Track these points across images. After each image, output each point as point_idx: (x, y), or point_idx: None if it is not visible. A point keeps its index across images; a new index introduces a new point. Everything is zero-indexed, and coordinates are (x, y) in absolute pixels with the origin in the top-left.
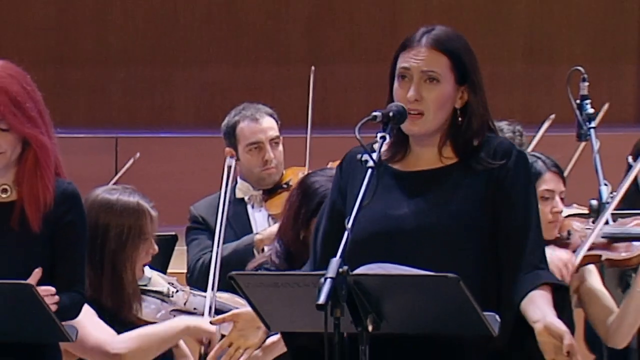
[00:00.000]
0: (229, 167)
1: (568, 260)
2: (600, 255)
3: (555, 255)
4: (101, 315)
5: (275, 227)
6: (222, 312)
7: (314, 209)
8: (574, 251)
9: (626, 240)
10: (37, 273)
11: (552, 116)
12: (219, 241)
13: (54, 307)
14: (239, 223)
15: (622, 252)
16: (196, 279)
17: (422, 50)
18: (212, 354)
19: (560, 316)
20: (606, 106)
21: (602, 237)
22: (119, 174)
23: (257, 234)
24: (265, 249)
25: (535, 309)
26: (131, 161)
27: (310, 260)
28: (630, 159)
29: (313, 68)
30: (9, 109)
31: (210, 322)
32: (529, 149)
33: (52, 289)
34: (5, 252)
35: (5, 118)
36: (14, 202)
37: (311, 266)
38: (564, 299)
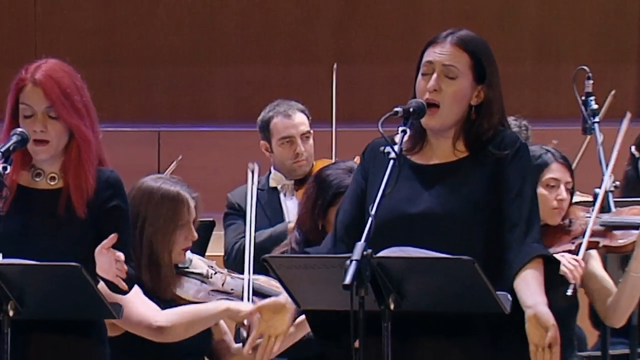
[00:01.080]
0: (252, 172)
1: (578, 263)
2: (598, 242)
3: (565, 258)
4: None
5: None
6: (259, 293)
7: (329, 199)
8: (574, 238)
9: (621, 228)
10: (112, 238)
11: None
12: (251, 231)
13: (123, 275)
14: (272, 210)
15: (617, 239)
16: (232, 261)
17: (447, 47)
18: (246, 347)
19: (549, 289)
20: (613, 92)
21: (600, 226)
22: (166, 173)
23: (290, 222)
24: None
25: (529, 293)
26: (174, 163)
27: (331, 235)
28: (633, 148)
29: (335, 65)
30: (59, 99)
31: (241, 319)
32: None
33: (122, 256)
34: (53, 235)
35: (54, 106)
36: (60, 189)
37: (331, 241)
38: (554, 272)
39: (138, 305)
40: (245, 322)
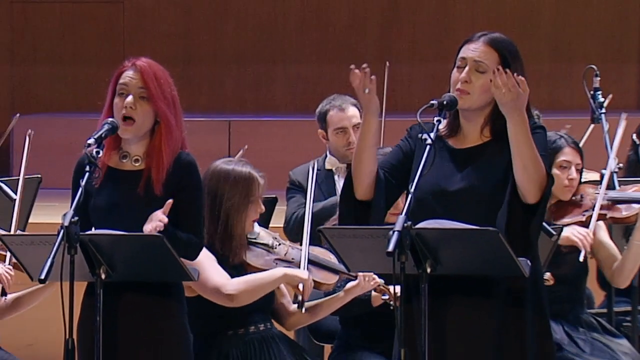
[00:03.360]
0: (313, 167)
1: (586, 233)
2: (606, 214)
3: (575, 229)
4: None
5: None
6: (314, 262)
7: None
8: (585, 211)
9: (626, 202)
10: (168, 204)
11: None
12: (309, 214)
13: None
14: (327, 188)
15: (622, 211)
16: (290, 229)
17: (479, 45)
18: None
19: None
20: (610, 96)
21: (607, 200)
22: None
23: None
24: None
25: None
26: (241, 152)
27: None
28: (634, 136)
29: (387, 64)
30: (153, 84)
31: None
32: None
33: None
34: (134, 210)
35: (148, 89)
36: (142, 170)
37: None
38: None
39: (212, 274)
40: (300, 286)
